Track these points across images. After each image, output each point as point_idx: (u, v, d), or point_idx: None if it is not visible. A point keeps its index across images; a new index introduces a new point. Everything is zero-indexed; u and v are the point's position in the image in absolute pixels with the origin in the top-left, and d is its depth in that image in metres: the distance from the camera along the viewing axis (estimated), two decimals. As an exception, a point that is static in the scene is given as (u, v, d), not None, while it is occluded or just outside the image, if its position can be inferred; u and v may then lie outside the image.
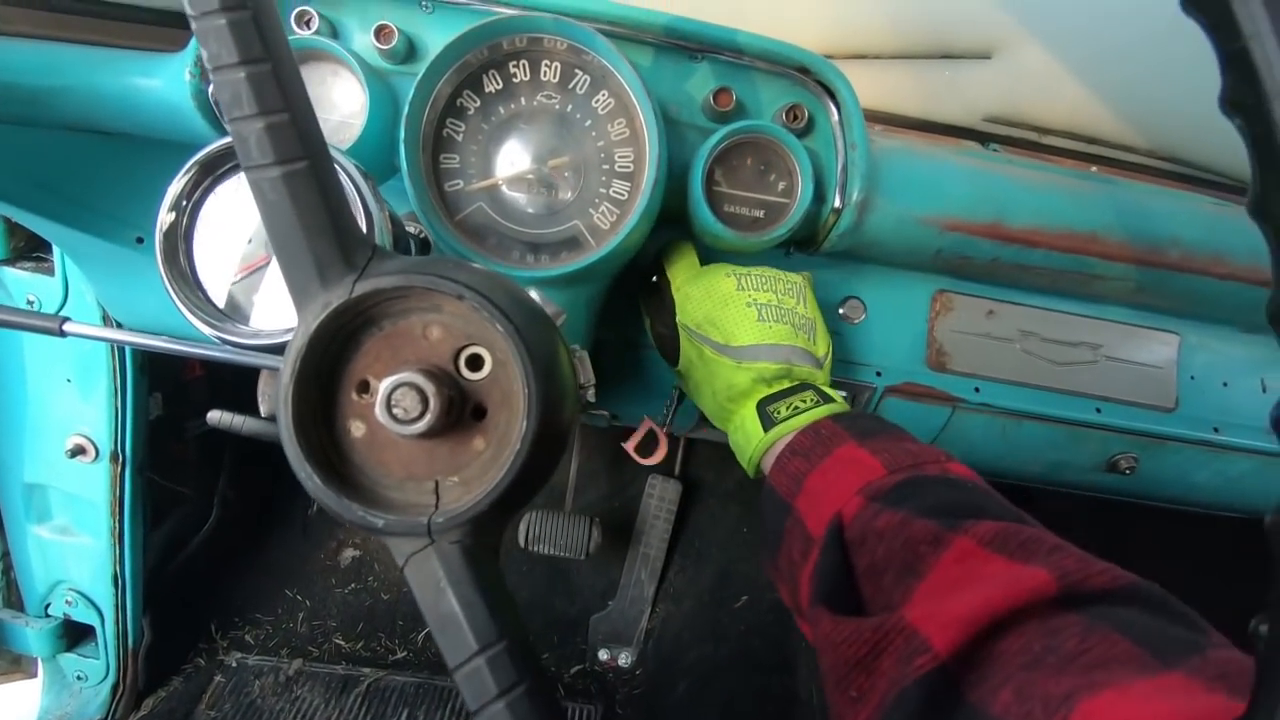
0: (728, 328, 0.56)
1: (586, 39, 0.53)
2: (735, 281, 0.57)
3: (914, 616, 0.34)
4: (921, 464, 0.44)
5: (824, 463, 0.46)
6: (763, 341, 0.55)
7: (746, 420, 0.55)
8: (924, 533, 0.37)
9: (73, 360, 0.81)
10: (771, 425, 0.52)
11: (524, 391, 0.29)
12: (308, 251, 0.28)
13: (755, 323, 0.55)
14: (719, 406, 0.58)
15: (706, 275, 0.59)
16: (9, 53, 0.49)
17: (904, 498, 0.41)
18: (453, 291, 0.29)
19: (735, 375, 0.55)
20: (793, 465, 0.48)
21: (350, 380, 0.30)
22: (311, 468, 0.28)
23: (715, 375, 0.56)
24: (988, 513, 0.39)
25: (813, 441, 0.49)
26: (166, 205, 0.39)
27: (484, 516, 0.29)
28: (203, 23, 0.25)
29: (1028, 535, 0.36)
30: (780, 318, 0.56)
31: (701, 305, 0.57)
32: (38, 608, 0.98)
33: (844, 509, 0.42)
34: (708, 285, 0.58)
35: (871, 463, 0.44)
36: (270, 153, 0.26)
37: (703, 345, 0.57)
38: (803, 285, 0.60)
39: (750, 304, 0.56)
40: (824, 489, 0.45)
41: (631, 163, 0.56)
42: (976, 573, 0.35)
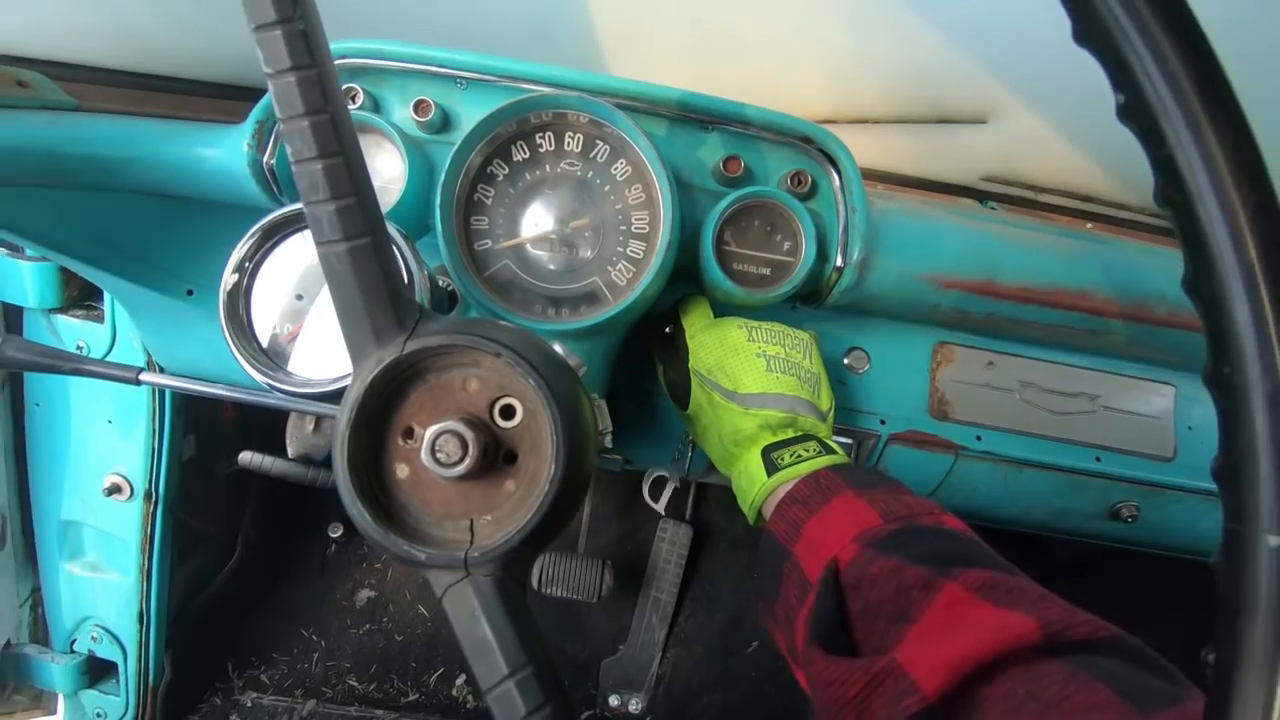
0: (737, 375, 0.59)
1: (607, 115, 0.58)
2: (747, 333, 0.61)
3: (904, 658, 0.36)
4: (916, 515, 0.46)
5: (822, 510, 0.49)
6: (770, 391, 0.58)
7: (750, 465, 0.57)
8: (916, 578, 0.39)
9: (114, 402, 0.85)
10: (775, 471, 0.55)
11: (551, 439, 0.33)
12: (365, 314, 0.32)
13: (763, 373, 0.58)
14: (725, 450, 0.60)
15: (719, 326, 0.62)
16: (90, 127, 0.54)
17: (898, 545, 0.42)
18: (491, 350, 0.33)
19: (742, 421, 0.58)
20: (792, 512, 0.51)
21: (397, 427, 0.34)
22: (363, 506, 0.32)
23: (722, 420, 0.59)
24: (977, 561, 0.41)
25: (812, 490, 0.51)
26: (231, 267, 0.44)
27: (515, 552, 0.32)
28: (290, 124, 0.30)
29: (1014, 584, 0.38)
30: (787, 370, 0.59)
31: (714, 353, 0.61)
32: (64, 643, 1.00)
33: (840, 554, 0.44)
34: (720, 335, 0.61)
35: (868, 512, 0.46)
36: (339, 230, 0.31)
37: (712, 391, 0.60)
38: (809, 342, 0.63)
39: (760, 355, 0.59)
40: (822, 535, 0.47)
41: (647, 224, 0.61)
42: (965, 618, 0.37)
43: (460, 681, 1.18)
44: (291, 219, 0.44)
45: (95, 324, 0.82)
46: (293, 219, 0.45)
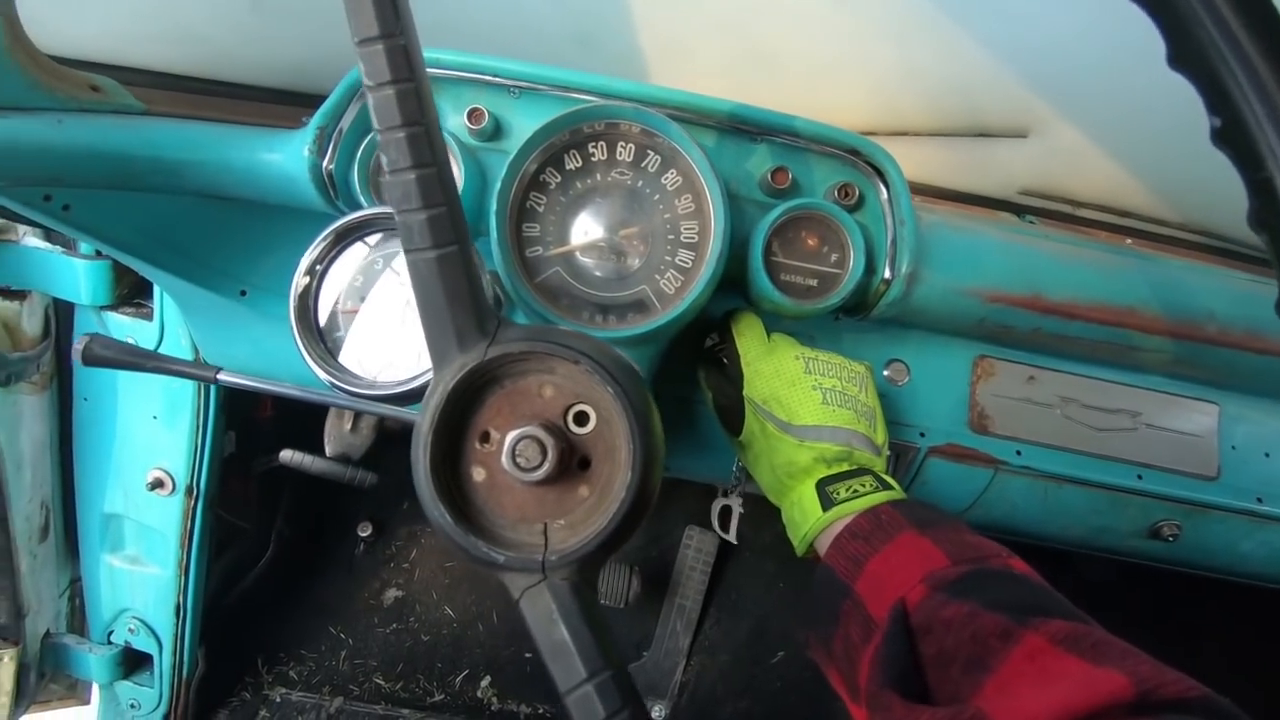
0: (792, 407, 0.58)
1: (661, 125, 0.59)
2: (803, 365, 0.60)
3: (990, 709, 0.35)
4: (984, 557, 0.45)
5: (885, 548, 0.48)
6: (825, 423, 0.57)
7: (804, 497, 0.57)
8: (993, 626, 0.38)
9: (161, 398, 0.87)
10: (830, 505, 0.54)
11: (629, 447, 0.33)
12: (450, 320, 0.33)
13: (820, 405, 0.58)
14: (777, 481, 0.60)
15: (775, 354, 0.62)
16: (158, 131, 0.56)
17: (970, 590, 0.42)
18: (570, 357, 0.33)
19: (796, 453, 0.57)
20: (852, 548, 0.50)
21: (475, 431, 0.35)
22: (444, 507, 0.32)
23: (776, 450, 0.59)
24: (1055, 611, 0.40)
25: (872, 526, 0.50)
26: (302, 270, 0.45)
27: (591, 557, 0.33)
28: (387, 134, 0.30)
29: (1098, 637, 0.37)
30: (844, 403, 0.59)
31: (769, 383, 0.60)
32: (101, 635, 1.02)
33: (908, 595, 0.43)
34: (776, 365, 0.61)
35: (934, 552, 0.46)
36: (429, 239, 0.31)
37: (766, 420, 0.59)
38: (865, 375, 0.63)
39: (816, 387, 0.59)
40: (887, 574, 0.46)
41: (696, 234, 0.61)
42: (1050, 670, 0.36)
43: (485, 683, 1.18)
44: (361, 224, 0.45)
45: (144, 321, 0.84)
46: (362, 224, 0.46)
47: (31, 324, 0.87)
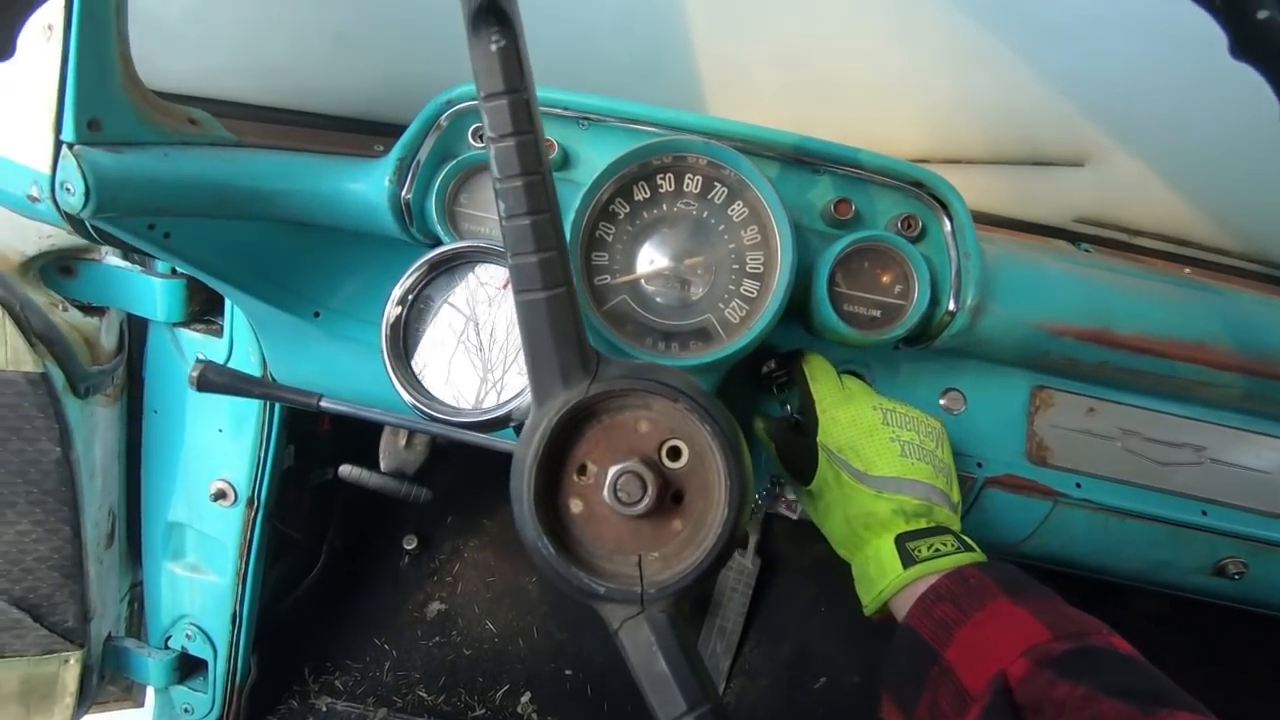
0: (869, 457, 0.57)
1: (731, 159, 0.60)
2: (881, 416, 0.60)
3: None
4: (1087, 633, 0.44)
5: (978, 615, 0.46)
6: (905, 476, 0.56)
7: (882, 552, 0.55)
8: (1116, 713, 0.37)
9: (227, 412, 0.90)
10: (912, 562, 0.52)
11: (725, 484, 0.34)
12: (556, 357, 0.34)
13: (898, 457, 0.57)
14: (851, 533, 0.58)
15: (852, 403, 0.61)
16: (252, 162, 0.59)
17: (1081, 670, 0.41)
18: (669, 395, 0.34)
19: (875, 504, 0.56)
20: (939, 611, 0.48)
21: (573, 464, 0.36)
22: (547, 539, 0.33)
23: (851, 501, 0.57)
24: (1178, 701, 0.39)
25: (960, 589, 0.49)
26: (395, 300, 0.47)
27: (688, 590, 0.34)
28: (505, 183, 0.32)
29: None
30: (922, 457, 0.58)
31: (846, 431, 0.59)
32: (159, 639, 1.05)
33: (1009, 669, 0.42)
34: (854, 414, 0.60)
35: (1033, 624, 0.44)
36: (540, 280, 0.33)
37: (841, 469, 0.58)
38: (941, 431, 0.62)
39: (894, 439, 0.58)
40: (982, 643, 0.45)
41: (762, 265, 0.62)
42: None
43: (525, 699, 1.19)
44: (451, 257, 0.47)
45: (214, 338, 0.87)
46: (452, 257, 0.47)
47: (108, 339, 0.91)
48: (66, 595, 0.93)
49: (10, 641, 0.92)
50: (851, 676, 1.17)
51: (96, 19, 0.46)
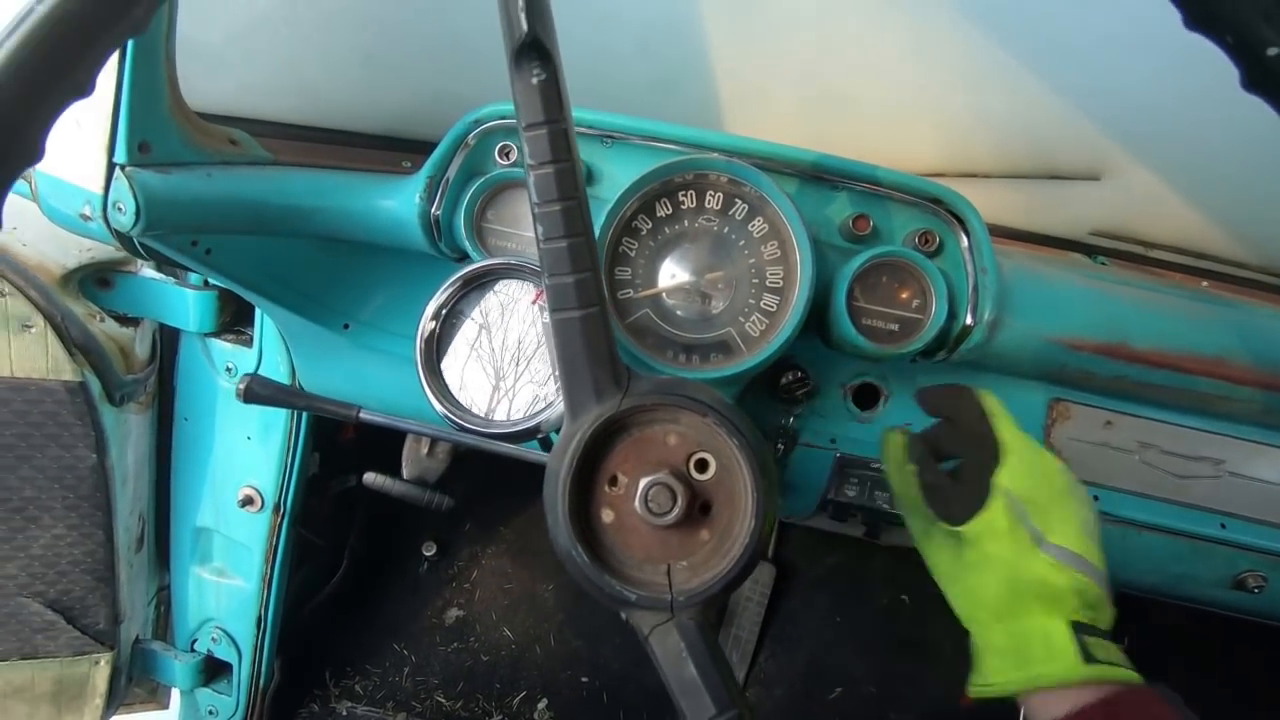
0: (1052, 521, 0.49)
1: (752, 177, 0.62)
2: (1070, 480, 0.53)
3: None
4: None
5: None
6: (1086, 555, 0.49)
7: (1054, 635, 0.47)
8: None
9: (256, 420, 0.92)
10: (1093, 661, 0.45)
11: (751, 495, 0.35)
12: (589, 373, 0.36)
13: (1081, 532, 0.50)
14: (1012, 597, 0.49)
15: (1044, 455, 0.54)
16: (288, 180, 0.61)
17: None
18: (698, 410, 0.36)
19: (1054, 575, 0.48)
20: None
21: (604, 475, 0.37)
22: (581, 548, 0.35)
23: (1023, 563, 0.48)
24: None
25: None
26: (429, 315, 0.49)
27: (715, 598, 0.35)
28: (544, 208, 0.34)
29: None
30: (1098, 542, 0.51)
31: (1035, 482, 0.51)
32: (185, 642, 1.07)
33: None
34: (1046, 467, 0.53)
35: None
36: (575, 300, 0.35)
37: (1019, 522, 0.49)
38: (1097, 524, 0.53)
39: (1080, 511, 0.51)
40: None
41: (781, 279, 0.64)
42: None
43: (542, 705, 1.20)
44: (484, 273, 0.49)
45: (244, 348, 0.90)
46: (485, 273, 0.49)
47: (142, 348, 0.93)
48: (98, 598, 0.96)
49: (44, 643, 0.95)
50: (867, 687, 1.17)
51: (148, 47, 0.48)
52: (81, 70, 0.27)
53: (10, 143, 0.26)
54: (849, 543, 1.23)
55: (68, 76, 0.27)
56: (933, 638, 1.21)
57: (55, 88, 0.26)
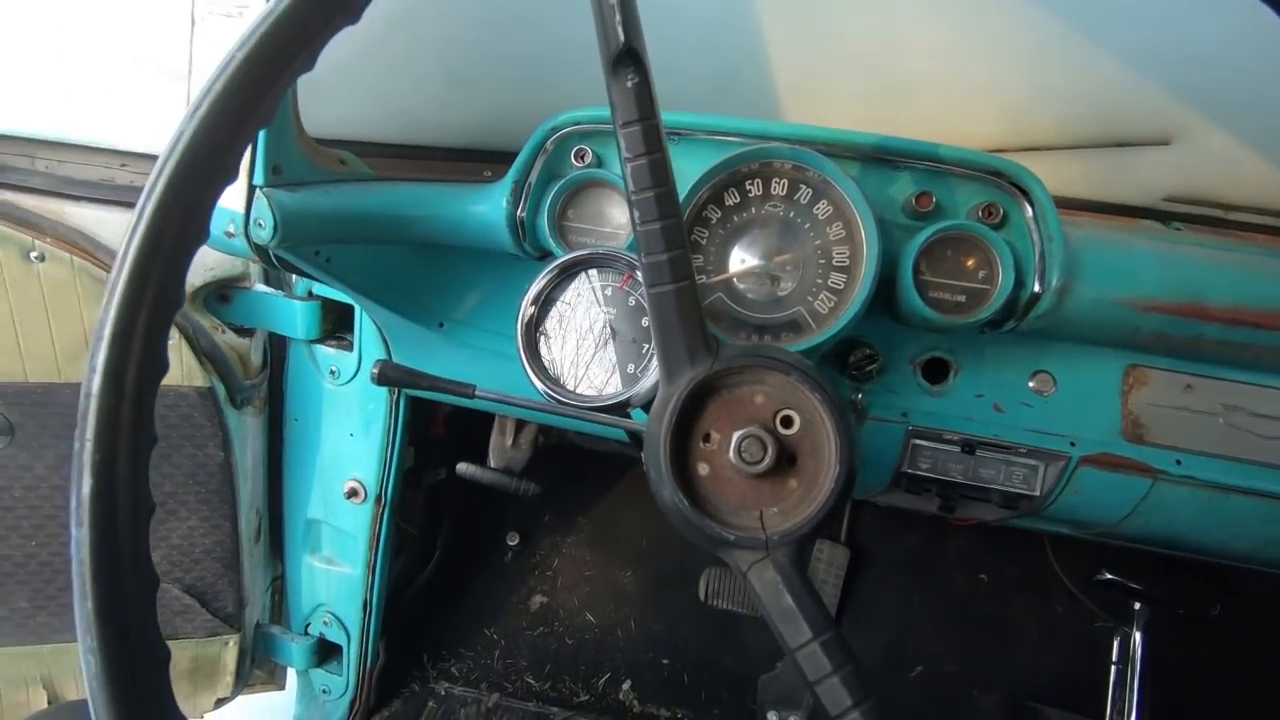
0: None
1: (815, 161, 0.65)
2: None
3: None
4: None
5: None
6: None
7: None
8: None
9: (359, 417, 1.01)
10: None
11: (834, 445, 0.39)
12: (683, 341, 0.40)
13: None
14: None
15: None
16: (391, 193, 0.68)
17: None
18: (783, 369, 0.40)
19: None
20: None
21: (698, 432, 0.42)
22: (682, 495, 0.39)
23: None
24: None
25: None
26: (529, 300, 0.54)
27: (806, 537, 0.39)
28: (640, 195, 0.38)
29: None
30: None
31: None
32: (299, 626, 1.17)
33: None
34: None
35: None
36: (669, 275, 0.39)
37: None
38: None
39: None
40: None
41: (848, 258, 0.67)
42: None
43: (626, 686, 1.25)
44: (578, 261, 0.54)
45: (345, 352, 0.98)
46: (579, 262, 0.54)
47: (255, 356, 1.03)
48: (226, 584, 1.06)
49: (181, 625, 1.06)
50: (949, 666, 1.17)
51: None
52: (269, 101, 0.33)
53: (219, 164, 0.32)
54: (923, 523, 1.24)
55: (260, 108, 0.33)
56: (1013, 617, 1.20)
57: (251, 118, 0.33)
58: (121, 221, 0.84)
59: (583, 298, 0.55)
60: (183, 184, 0.31)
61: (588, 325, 0.55)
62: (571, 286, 0.55)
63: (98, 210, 0.83)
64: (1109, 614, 1.10)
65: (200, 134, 0.30)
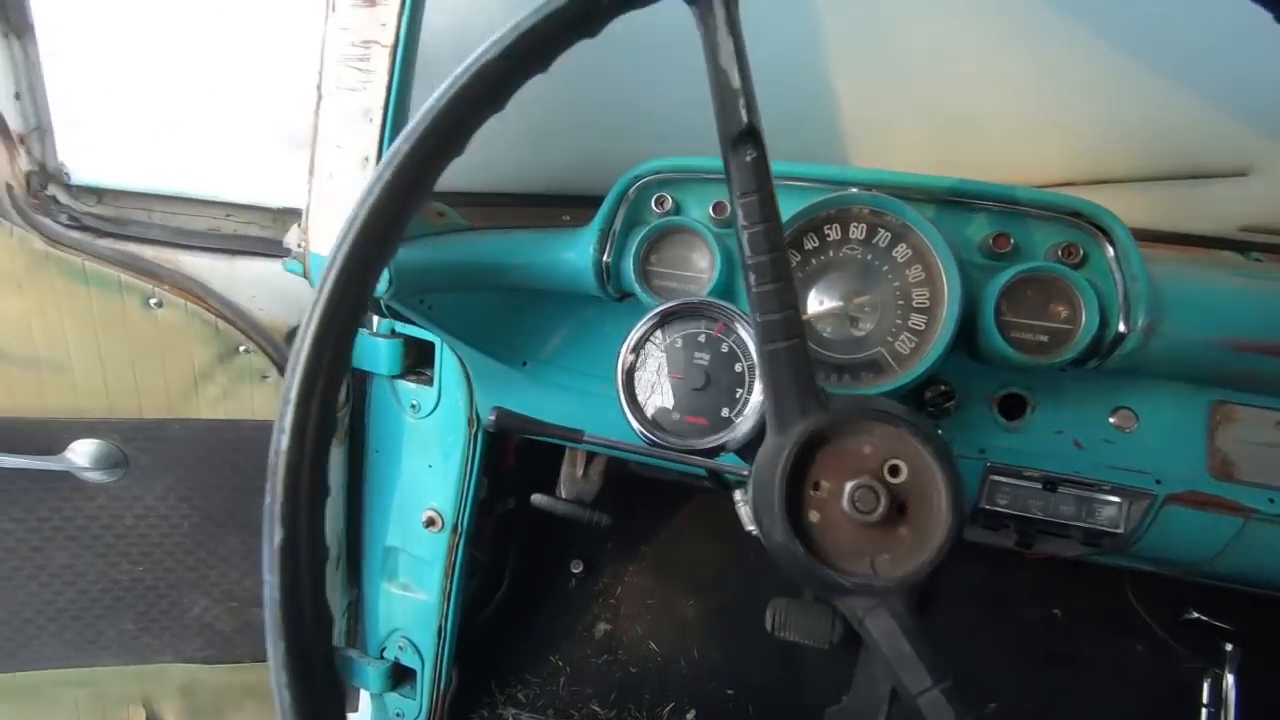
0: None
1: (895, 207, 0.67)
2: None
3: None
4: None
5: None
6: None
7: None
8: None
9: (438, 449, 1.05)
10: None
11: (946, 494, 0.41)
12: (795, 394, 0.42)
13: None
14: None
15: None
16: (486, 242, 0.72)
17: None
18: (892, 421, 0.41)
19: None
20: None
21: (809, 481, 0.44)
22: (799, 542, 0.41)
23: None
24: None
25: None
26: (628, 348, 0.57)
27: (919, 585, 0.40)
28: (755, 259, 0.41)
29: None
30: None
31: None
32: (375, 650, 1.21)
33: None
34: None
35: None
36: (782, 333, 0.41)
37: None
38: None
39: None
40: None
41: (928, 299, 0.68)
42: None
43: (690, 716, 1.26)
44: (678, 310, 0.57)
45: (425, 387, 1.03)
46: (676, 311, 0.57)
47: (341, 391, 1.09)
48: (311, 609, 1.10)
49: (269, 648, 1.10)
50: (1024, 703, 1.15)
51: (396, 148, 0.60)
52: (428, 183, 0.37)
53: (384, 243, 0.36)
54: (992, 555, 1.22)
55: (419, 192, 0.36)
56: (1091, 656, 1.17)
57: (414, 197, 0.36)
58: (228, 269, 0.91)
59: (678, 344, 0.57)
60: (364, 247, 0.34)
61: (683, 370, 0.57)
62: (668, 333, 0.58)
63: (208, 258, 0.89)
64: (1197, 655, 1.07)
65: (387, 191, 0.34)
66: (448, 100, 0.35)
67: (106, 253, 0.82)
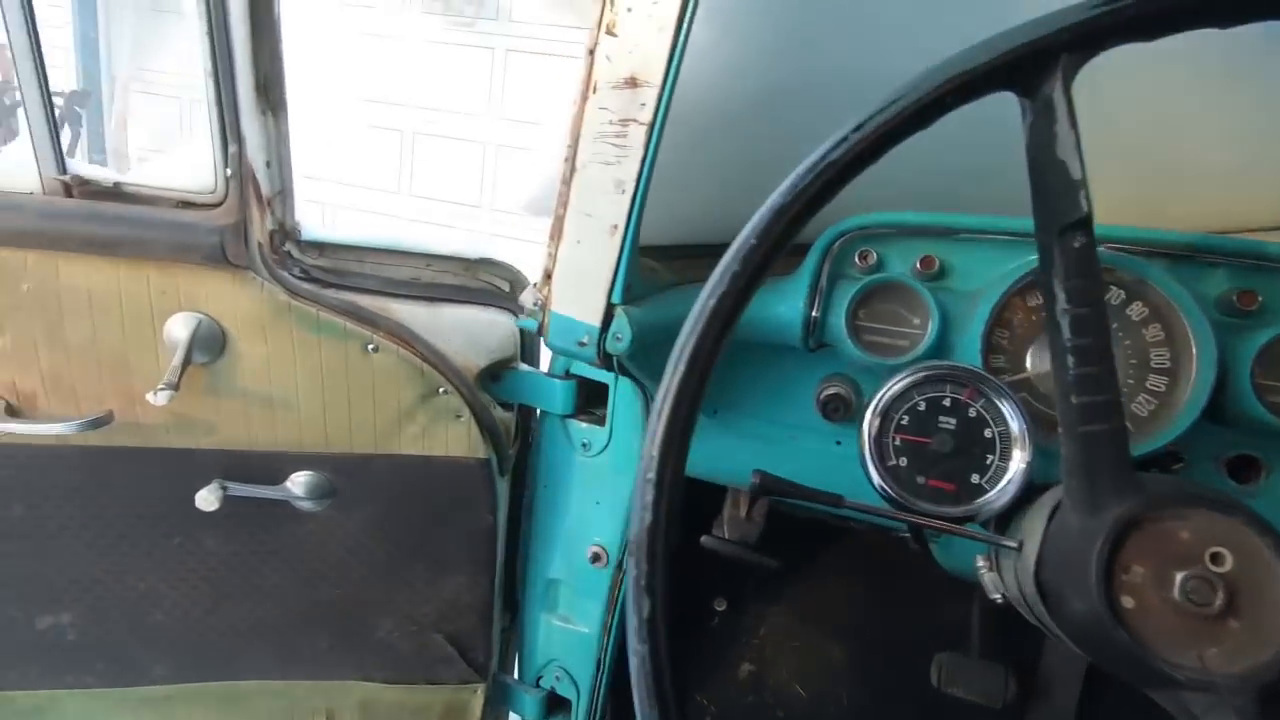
0: None
1: (1132, 265, 0.65)
2: None
3: None
4: None
5: None
6: None
7: None
8: None
9: (607, 487, 1.08)
10: None
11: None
12: (1111, 477, 0.42)
13: None
14: None
15: None
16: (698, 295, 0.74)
17: None
18: (1221, 509, 0.40)
19: None
20: None
21: (1120, 565, 0.43)
22: (1125, 630, 0.40)
23: None
24: None
25: None
26: (874, 411, 0.57)
27: (1270, 685, 0.38)
28: (1076, 340, 0.41)
29: None
30: None
31: None
32: (531, 678, 1.25)
33: None
34: None
35: None
36: (1103, 418, 0.41)
37: None
38: None
39: None
40: None
41: (1168, 360, 0.66)
42: None
43: (843, 768, 1.22)
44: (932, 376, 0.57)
45: (597, 427, 1.06)
46: (932, 376, 0.57)
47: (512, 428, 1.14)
48: (480, 637, 1.15)
49: (441, 671, 1.16)
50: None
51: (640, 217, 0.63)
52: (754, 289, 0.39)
53: (724, 331, 0.38)
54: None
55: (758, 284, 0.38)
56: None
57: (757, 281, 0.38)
58: (428, 315, 0.98)
59: (921, 407, 0.57)
60: (708, 338, 0.36)
61: (928, 434, 0.57)
62: (913, 397, 0.58)
63: (414, 306, 0.96)
64: None
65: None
66: (790, 196, 0.37)
67: (333, 302, 0.90)
